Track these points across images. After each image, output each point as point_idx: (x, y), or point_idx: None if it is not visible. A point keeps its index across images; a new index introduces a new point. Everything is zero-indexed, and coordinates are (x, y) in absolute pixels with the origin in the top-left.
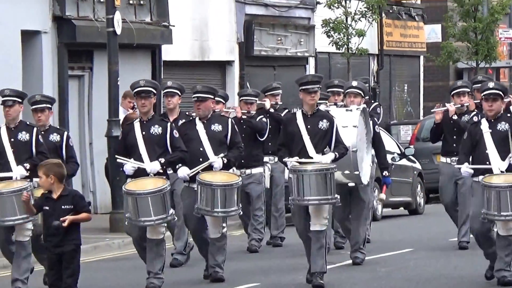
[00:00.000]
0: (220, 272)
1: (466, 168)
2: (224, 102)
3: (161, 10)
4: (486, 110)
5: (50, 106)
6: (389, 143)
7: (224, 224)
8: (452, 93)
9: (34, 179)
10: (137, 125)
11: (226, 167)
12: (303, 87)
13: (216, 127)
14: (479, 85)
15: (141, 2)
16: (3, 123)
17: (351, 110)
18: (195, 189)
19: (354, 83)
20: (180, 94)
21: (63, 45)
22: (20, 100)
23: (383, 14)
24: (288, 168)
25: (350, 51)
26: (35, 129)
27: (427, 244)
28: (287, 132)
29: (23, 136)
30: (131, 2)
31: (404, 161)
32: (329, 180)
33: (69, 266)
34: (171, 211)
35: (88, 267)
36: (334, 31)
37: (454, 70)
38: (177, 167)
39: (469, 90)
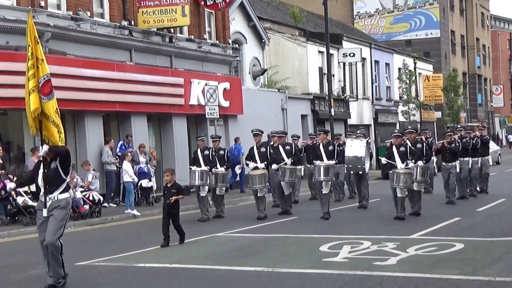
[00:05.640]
0: (290, 209)
1: (383, 160)
2: (298, 136)
3: (346, 107)
4: (394, 141)
5: (218, 139)
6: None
7: (291, 188)
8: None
9: (213, 169)
10: (254, 148)
11: (292, 164)
12: (319, 133)
13: (287, 147)
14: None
15: (337, 104)
16: (198, 147)
17: (361, 141)
18: (277, 172)
19: (360, 131)
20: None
21: (315, 119)
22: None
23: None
24: (315, 166)
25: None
26: (211, 149)
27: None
28: (316, 153)
29: (206, 151)
30: (337, 104)
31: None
32: (329, 171)
33: (175, 220)
34: (267, 184)
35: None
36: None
37: (446, 128)
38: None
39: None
